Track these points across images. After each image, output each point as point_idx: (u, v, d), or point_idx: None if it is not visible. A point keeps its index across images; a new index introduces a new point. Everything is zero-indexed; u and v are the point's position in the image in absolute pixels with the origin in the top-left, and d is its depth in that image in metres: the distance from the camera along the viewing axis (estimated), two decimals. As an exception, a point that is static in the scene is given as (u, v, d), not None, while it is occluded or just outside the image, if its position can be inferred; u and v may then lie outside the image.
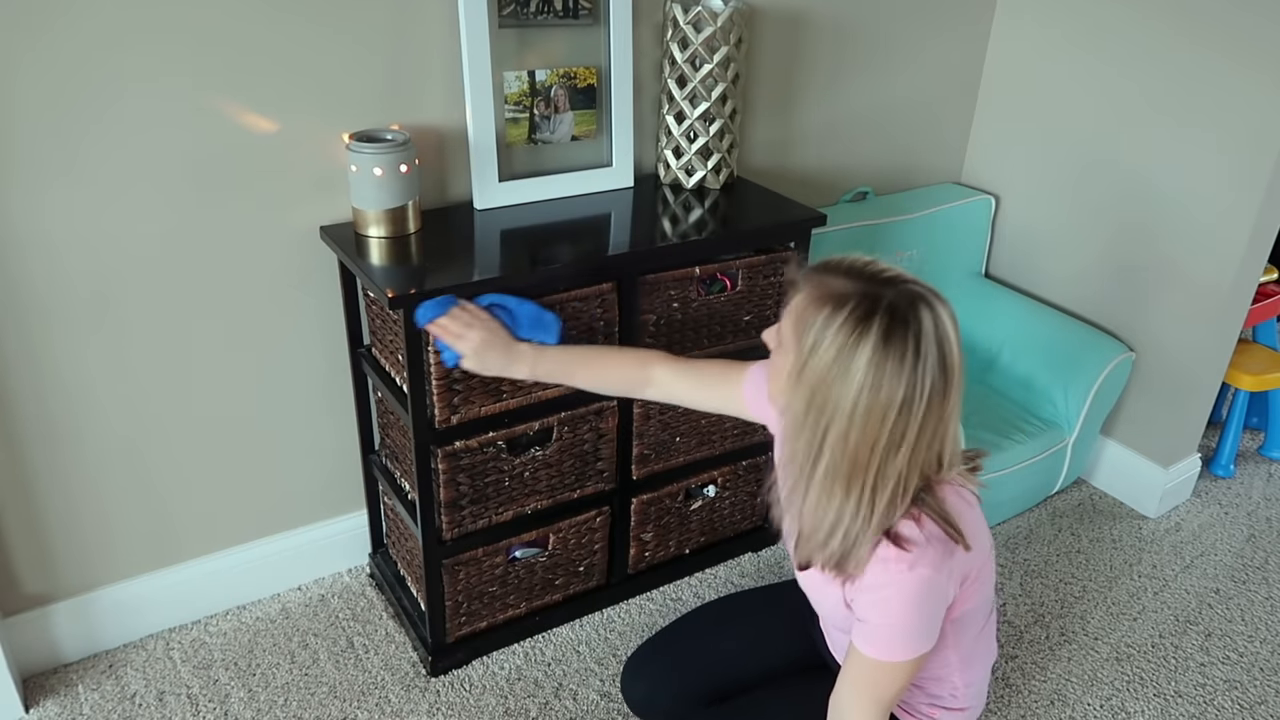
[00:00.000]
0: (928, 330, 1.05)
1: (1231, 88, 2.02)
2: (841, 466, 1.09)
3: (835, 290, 1.07)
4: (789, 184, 2.29)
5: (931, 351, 1.05)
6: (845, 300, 1.06)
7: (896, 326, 1.04)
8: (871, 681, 1.21)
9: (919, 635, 1.17)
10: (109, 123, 1.51)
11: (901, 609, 1.14)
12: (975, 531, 1.18)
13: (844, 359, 1.05)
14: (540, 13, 1.75)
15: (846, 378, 1.05)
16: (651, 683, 1.58)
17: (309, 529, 2.00)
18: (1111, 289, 2.35)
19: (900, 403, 1.05)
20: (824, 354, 1.06)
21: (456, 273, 1.58)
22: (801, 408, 1.10)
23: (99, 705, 1.74)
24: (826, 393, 1.07)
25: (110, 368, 1.67)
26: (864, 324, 1.04)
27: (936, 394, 1.06)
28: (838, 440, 1.08)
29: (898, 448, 1.07)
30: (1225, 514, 2.41)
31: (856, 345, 1.04)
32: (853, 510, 1.10)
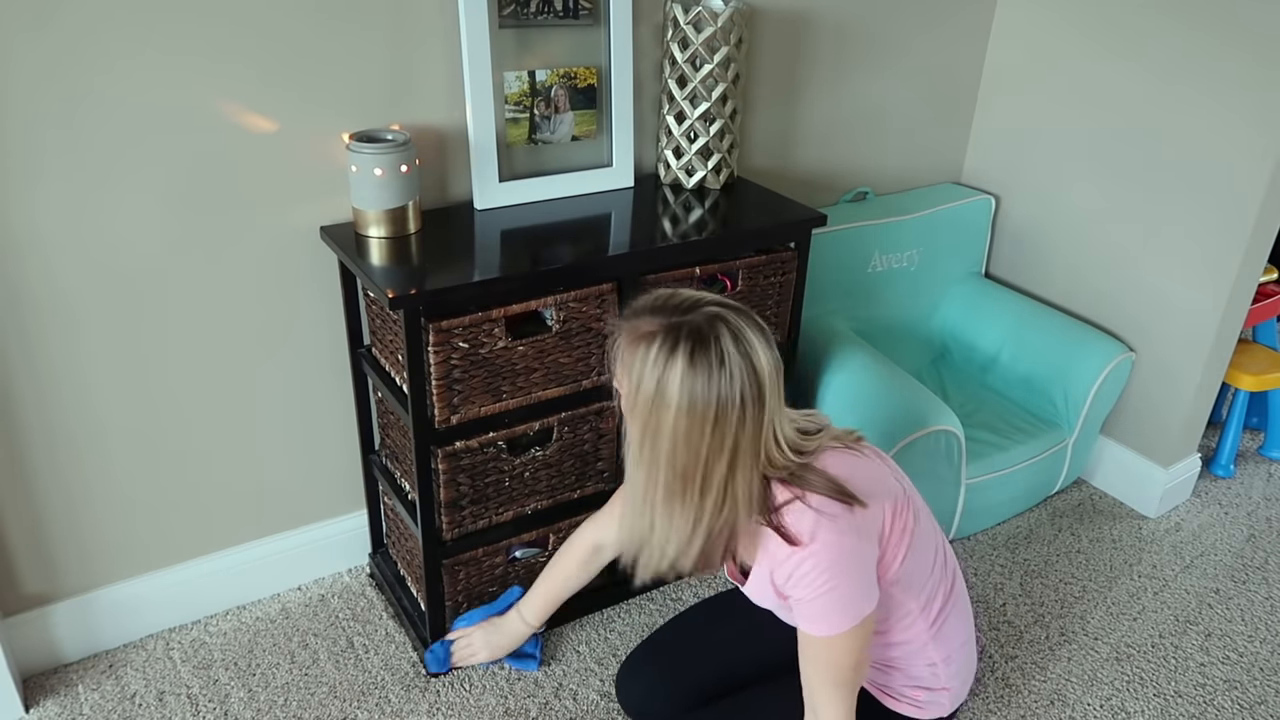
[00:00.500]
0: (727, 344, 1.15)
1: (1232, 88, 2.02)
2: (674, 485, 1.19)
3: (645, 329, 1.19)
4: (789, 184, 2.29)
5: (736, 363, 1.14)
6: (654, 335, 1.17)
7: (699, 347, 1.14)
8: (826, 662, 1.26)
9: (853, 600, 1.22)
10: (108, 123, 1.51)
11: (823, 577, 1.20)
12: (869, 486, 1.25)
13: (661, 386, 1.16)
14: (540, 13, 1.75)
15: (665, 402, 1.16)
16: (646, 688, 1.59)
17: (309, 529, 2.00)
18: (1111, 289, 2.35)
19: (715, 415, 1.14)
20: (645, 387, 1.16)
21: (456, 273, 1.58)
22: (636, 441, 1.21)
23: (99, 705, 1.74)
24: (656, 419, 1.17)
25: (110, 368, 1.67)
26: (671, 352, 1.15)
27: (751, 400, 1.16)
28: (668, 460, 1.18)
29: (719, 455, 1.16)
30: (1225, 514, 2.41)
31: (668, 372, 1.15)
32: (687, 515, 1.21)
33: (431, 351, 1.54)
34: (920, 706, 1.41)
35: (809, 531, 1.20)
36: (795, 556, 1.21)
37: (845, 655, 1.25)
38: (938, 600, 1.36)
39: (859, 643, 1.24)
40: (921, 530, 1.31)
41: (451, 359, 1.57)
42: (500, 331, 1.59)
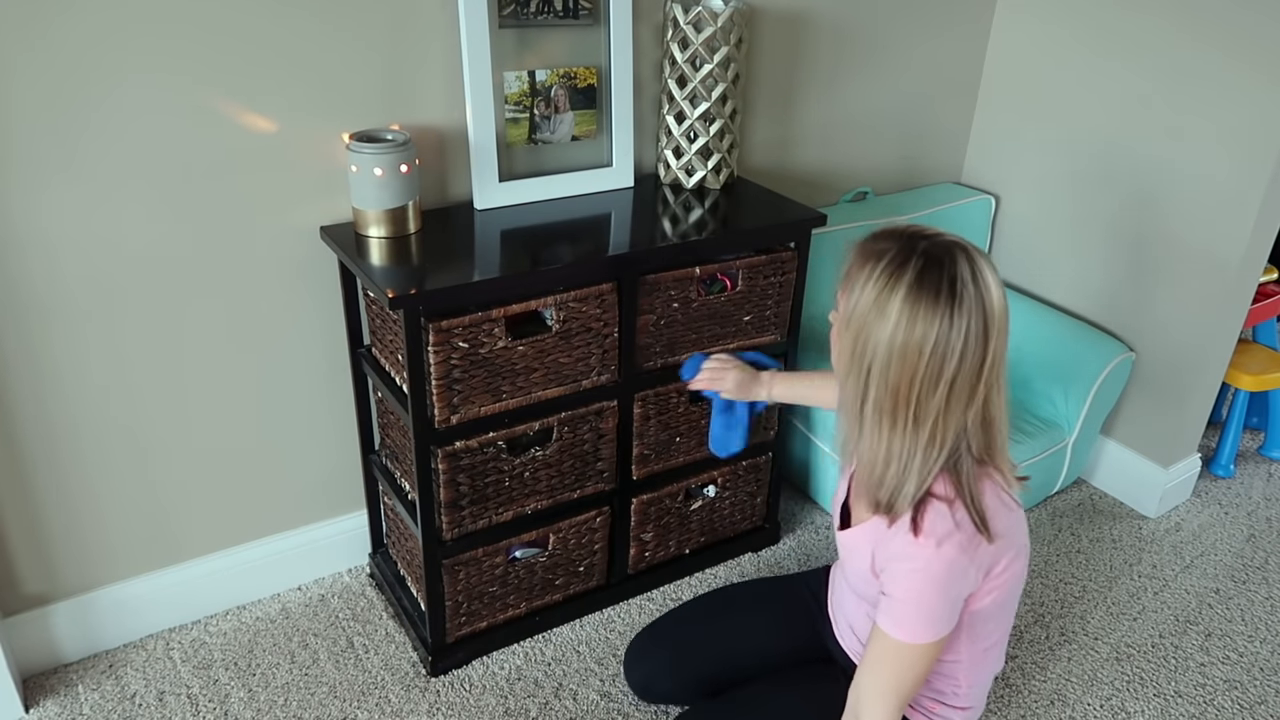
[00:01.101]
0: (963, 275, 1.11)
1: (1232, 88, 2.02)
2: (885, 402, 1.15)
3: (877, 249, 1.15)
4: (789, 184, 2.29)
5: (968, 294, 1.11)
6: (884, 254, 1.14)
7: (930, 269, 1.11)
8: (893, 667, 1.23)
9: (939, 617, 1.20)
10: (108, 122, 1.51)
11: (924, 585, 1.19)
12: (1006, 530, 1.22)
13: (881, 301, 1.12)
14: (540, 13, 1.75)
15: (883, 318, 1.12)
16: (653, 666, 1.60)
17: (309, 529, 2.00)
18: (1111, 289, 2.35)
19: (934, 341, 1.11)
20: (865, 300, 1.14)
21: (457, 273, 1.58)
22: (848, 352, 1.18)
23: (99, 705, 1.74)
24: (868, 334, 1.14)
25: (110, 368, 1.67)
26: (900, 269, 1.12)
27: (974, 337, 1.11)
28: (879, 376, 1.14)
29: (935, 384, 1.13)
30: (1225, 514, 2.41)
31: (892, 288, 1.12)
32: (900, 443, 1.17)
33: (431, 351, 1.54)
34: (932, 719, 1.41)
35: (940, 536, 1.17)
36: (911, 548, 1.18)
37: (912, 667, 1.23)
38: (993, 636, 1.36)
39: (929, 659, 1.23)
40: (1017, 583, 1.30)
41: (451, 359, 1.57)
42: (500, 331, 1.59)
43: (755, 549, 2.19)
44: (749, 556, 2.18)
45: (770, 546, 2.21)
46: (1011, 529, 1.25)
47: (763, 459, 2.07)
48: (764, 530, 2.18)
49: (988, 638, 1.35)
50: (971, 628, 1.31)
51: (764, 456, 2.07)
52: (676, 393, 1.85)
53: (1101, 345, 2.27)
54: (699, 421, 1.92)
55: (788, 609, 1.63)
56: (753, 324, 1.89)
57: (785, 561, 2.17)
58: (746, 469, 2.06)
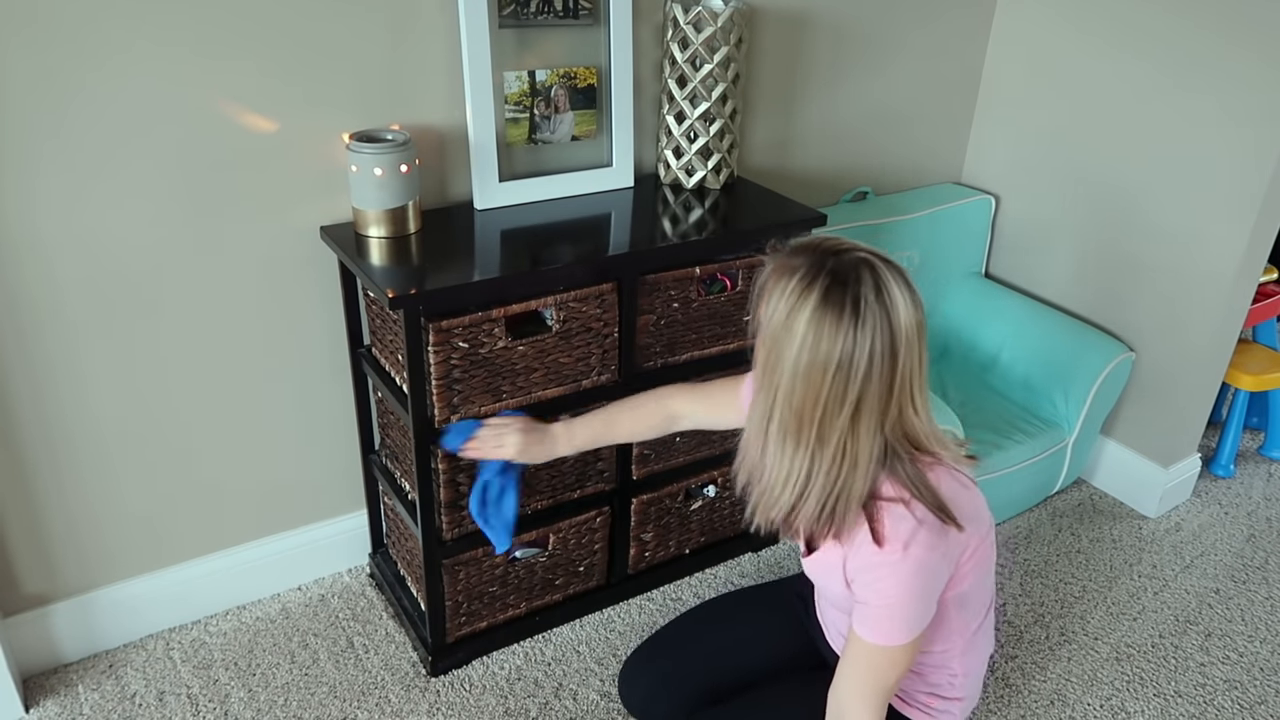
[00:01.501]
0: (866, 293, 1.10)
1: (1232, 88, 2.02)
2: (790, 422, 1.15)
3: (791, 264, 1.15)
4: (789, 184, 2.29)
5: (871, 313, 1.10)
6: (796, 270, 1.14)
7: (835, 288, 1.10)
8: (872, 668, 1.23)
9: (914, 617, 1.20)
10: (108, 123, 1.51)
11: (898, 589, 1.18)
12: (970, 513, 1.23)
13: (790, 319, 1.12)
14: (540, 13, 1.75)
15: (790, 336, 1.12)
16: (649, 687, 1.58)
17: (309, 529, 2.00)
18: (1111, 289, 2.35)
19: (838, 360, 1.10)
20: (777, 317, 1.14)
21: (457, 273, 1.58)
22: (760, 366, 1.18)
23: (99, 705, 1.74)
24: (778, 351, 1.14)
25: (109, 368, 1.67)
26: (809, 286, 1.11)
27: (880, 356, 1.11)
28: (785, 396, 1.14)
29: (840, 405, 1.12)
30: (1225, 514, 2.41)
31: (801, 305, 1.11)
32: (802, 463, 1.16)
33: (431, 351, 1.54)
34: (932, 714, 1.41)
35: (904, 539, 1.16)
36: (878, 556, 1.17)
37: (891, 668, 1.23)
38: (978, 617, 1.36)
39: (906, 658, 1.23)
40: (989, 557, 1.30)
41: (451, 359, 1.57)
42: (500, 331, 1.59)
43: (755, 549, 2.19)
44: (749, 556, 2.18)
45: (770, 547, 2.21)
46: (976, 509, 1.25)
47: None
48: (764, 530, 2.18)
49: (974, 619, 1.35)
50: (958, 614, 1.31)
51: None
52: (676, 393, 1.85)
53: (1101, 345, 2.27)
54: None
55: (778, 616, 1.61)
56: (752, 324, 1.89)
57: (785, 561, 2.17)
58: (746, 469, 2.05)
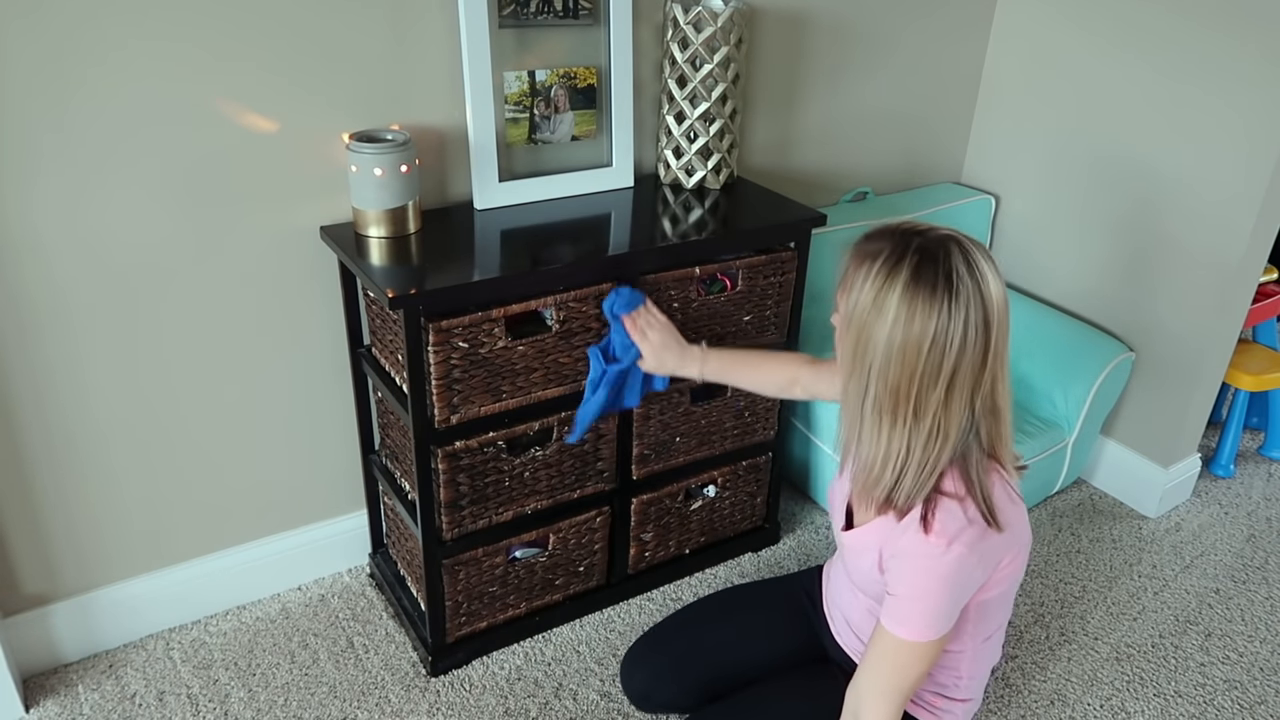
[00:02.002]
0: (958, 267, 1.11)
1: (1231, 88, 2.02)
2: (885, 400, 1.15)
3: (872, 249, 1.16)
4: (789, 184, 2.29)
5: (964, 287, 1.10)
6: (879, 253, 1.14)
7: (925, 264, 1.11)
8: (894, 665, 1.23)
9: (943, 615, 1.21)
10: (107, 121, 1.51)
11: (932, 583, 1.19)
12: (1013, 523, 1.23)
13: (879, 300, 1.13)
14: (540, 13, 1.75)
15: (881, 316, 1.12)
16: (650, 675, 1.59)
17: (309, 529, 2.00)
18: (1111, 289, 2.35)
19: (933, 335, 1.11)
20: (863, 300, 1.14)
21: (457, 273, 1.58)
22: (849, 351, 1.18)
23: (99, 705, 1.74)
24: (868, 333, 1.14)
25: (109, 368, 1.67)
26: (895, 267, 1.12)
27: (974, 329, 1.11)
28: (879, 375, 1.15)
29: (935, 380, 1.13)
30: (1225, 514, 2.41)
31: (889, 286, 1.12)
32: (900, 440, 1.17)
33: (431, 351, 1.54)
34: (935, 713, 1.41)
35: (951, 534, 1.17)
36: (922, 546, 1.18)
37: (913, 665, 1.23)
38: (994, 625, 1.37)
39: (931, 657, 1.23)
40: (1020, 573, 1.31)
41: (451, 359, 1.57)
42: (500, 331, 1.59)
43: (755, 549, 2.19)
44: (749, 556, 2.18)
45: (770, 546, 2.21)
46: (1017, 523, 1.25)
47: (763, 459, 2.07)
48: (764, 530, 2.18)
49: (989, 628, 1.36)
50: (977, 620, 1.31)
51: (764, 456, 2.07)
52: (676, 392, 1.85)
53: (1101, 345, 2.27)
54: (699, 421, 1.92)
55: (782, 611, 1.62)
56: (753, 324, 1.89)
57: (785, 561, 2.17)
58: (746, 469, 2.06)
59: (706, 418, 1.92)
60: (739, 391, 1.93)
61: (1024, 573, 1.34)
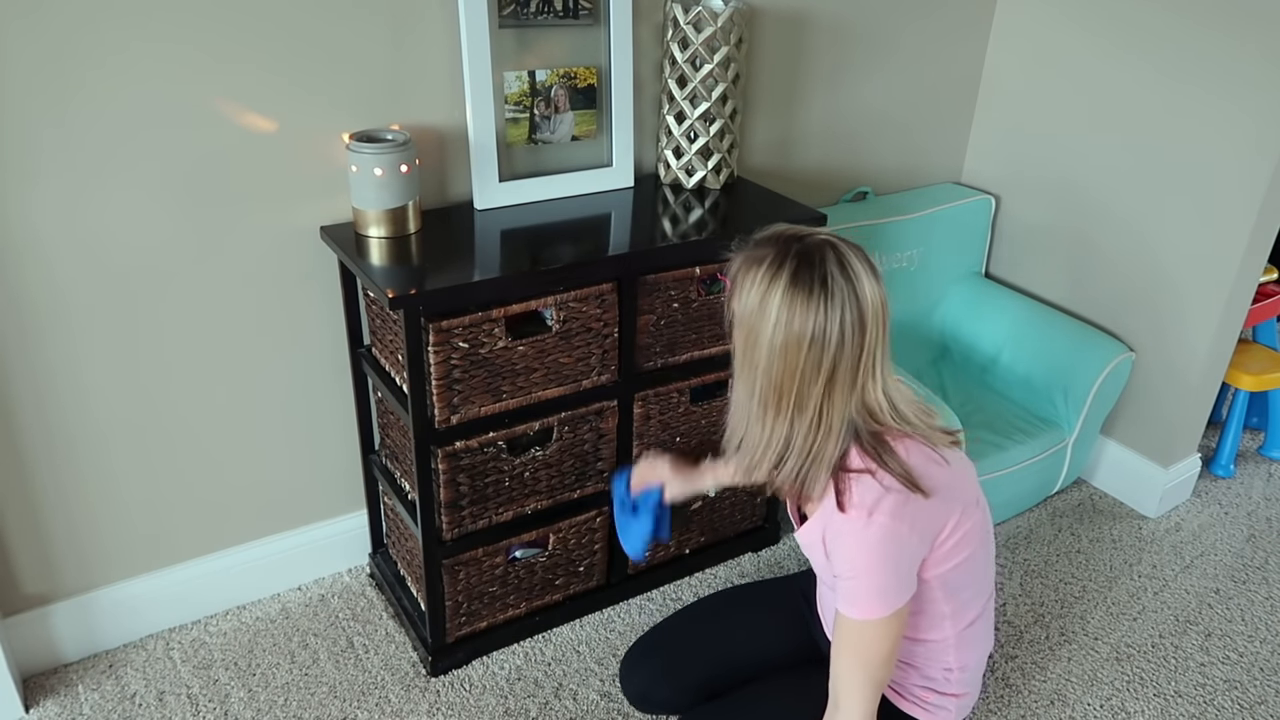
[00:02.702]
0: (832, 270, 1.19)
1: (1231, 88, 2.02)
2: (769, 394, 1.22)
3: (758, 255, 1.23)
4: (789, 184, 2.29)
5: (839, 288, 1.18)
6: (764, 258, 1.22)
7: (803, 268, 1.18)
8: (857, 644, 1.27)
9: (888, 588, 1.24)
10: (107, 122, 1.51)
11: (865, 556, 1.23)
12: (943, 486, 1.26)
13: (764, 302, 1.20)
14: (540, 13, 1.75)
15: (765, 317, 1.20)
16: (648, 676, 1.60)
17: (309, 529, 2.00)
18: (1112, 289, 2.35)
19: (811, 333, 1.18)
20: (750, 302, 1.22)
21: (457, 273, 1.58)
22: (739, 351, 1.26)
23: (99, 705, 1.74)
24: (755, 333, 1.21)
25: (109, 368, 1.67)
26: (778, 271, 1.19)
27: (849, 327, 1.19)
28: (765, 372, 1.22)
29: (815, 374, 1.20)
30: (1225, 514, 2.41)
31: (772, 288, 1.19)
32: (781, 430, 1.24)
33: (431, 351, 1.54)
34: (928, 709, 1.41)
35: (869, 506, 1.21)
36: (846, 524, 1.23)
37: (876, 643, 1.26)
38: (973, 609, 1.38)
39: (891, 634, 1.26)
40: (982, 542, 1.33)
41: (451, 359, 1.57)
42: (500, 331, 1.59)
43: (755, 549, 2.19)
44: (749, 556, 2.18)
45: (770, 546, 2.21)
46: (949, 484, 1.27)
47: (763, 459, 2.07)
48: (764, 530, 2.18)
49: (967, 610, 1.36)
50: (948, 599, 1.32)
51: (764, 456, 2.07)
52: (676, 392, 1.85)
53: (1101, 345, 2.27)
54: (699, 422, 1.92)
55: (780, 611, 1.63)
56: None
57: (785, 561, 2.17)
58: (746, 469, 2.05)
59: (706, 418, 1.92)
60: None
61: (990, 545, 1.35)
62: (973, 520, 1.30)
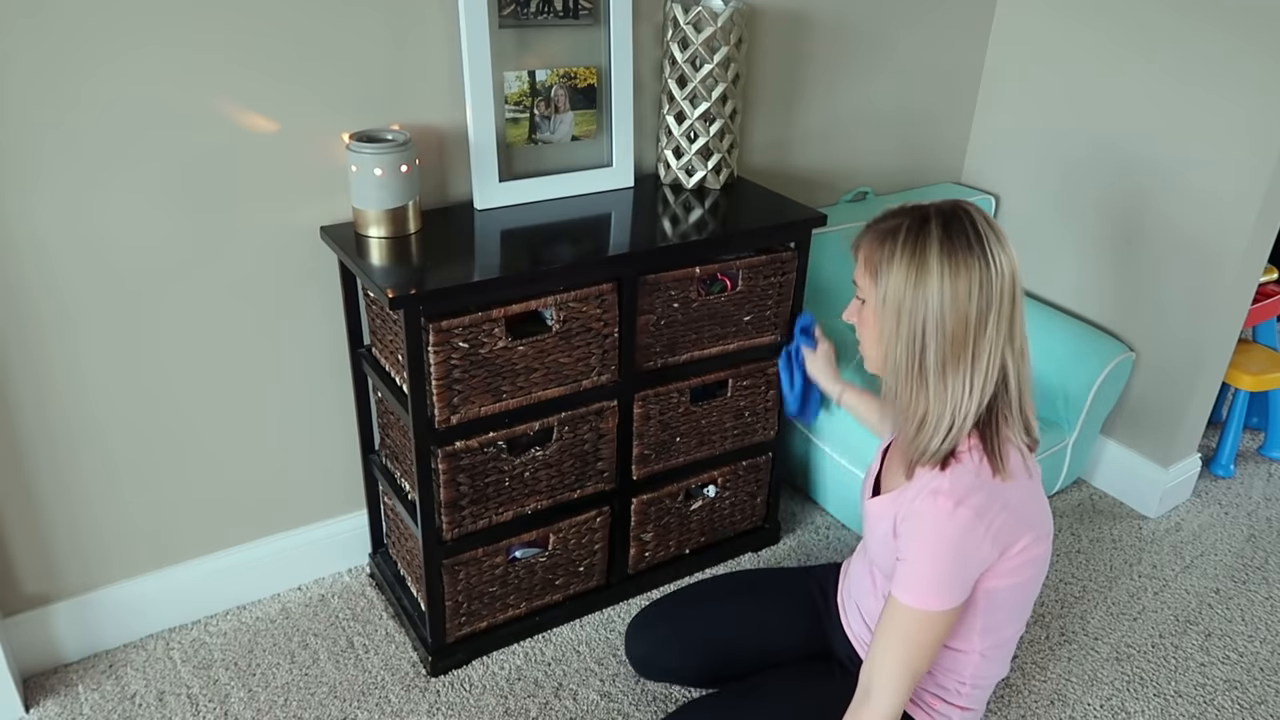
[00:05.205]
0: (979, 218, 1.20)
1: (1231, 88, 2.02)
2: (947, 351, 1.20)
3: (889, 226, 1.23)
4: (789, 184, 2.29)
5: (991, 237, 1.19)
6: (899, 228, 1.21)
7: (952, 221, 1.19)
8: (904, 634, 1.25)
9: (949, 583, 1.22)
10: (108, 124, 1.51)
11: (937, 545, 1.21)
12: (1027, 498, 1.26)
13: (917, 263, 1.19)
14: (540, 13, 1.75)
15: (926, 277, 1.19)
16: (655, 640, 1.61)
17: (309, 529, 2.00)
18: (1111, 288, 2.35)
19: (979, 283, 1.18)
20: (899, 271, 1.21)
21: (457, 273, 1.58)
22: (893, 321, 1.22)
23: (99, 705, 1.74)
24: (914, 297, 1.20)
25: (110, 368, 1.67)
26: (923, 230, 1.20)
27: (1008, 273, 1.20)
28: (935, 330, 1.20)
29: (985, 323, 1.19)
30: (1225, 514, 2.41)
31: (924, 248, 1.19)
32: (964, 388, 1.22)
33: (431, 351, 1.54)
34: (932, 715, 1.41)
35: (960, 496, 1.20)
36: (931, 508, 1.21)
37: (921, 635, 1.24)
38: (1006, 631, 1.37)
39: (939, 629, 1.25)
40: (1038, 571, 1.32)
41: (451, 359, 1.57)
42: (500, 331, 1.59)
43: (755, 549, 2.19)
44: (749, 556, 2.18)
45: (770, 546, 2.21)
46: (1031, 500, 1.26)
47: (763, 459, 2.07)
48: (764, 530, 2.18)
49: (1000, 631, 1.36)
50: (987, 614, 1.31)
51: (764, 456, 2.07)
52: (676, 392, 1.85)
53: (1101, 345, 2.27)
54: (699, 421, 1.92)
55: (793, 600, 1.63)
56: (753, 324, 1.89)
57: (785, 562, 2.17)
58: (746, 469, 2.06)
59: (706, 417, 1.92)
60: (739, 391, 1.93)
61: (1042, 577, 1.34)
62: (1041, 548, 1.28)
